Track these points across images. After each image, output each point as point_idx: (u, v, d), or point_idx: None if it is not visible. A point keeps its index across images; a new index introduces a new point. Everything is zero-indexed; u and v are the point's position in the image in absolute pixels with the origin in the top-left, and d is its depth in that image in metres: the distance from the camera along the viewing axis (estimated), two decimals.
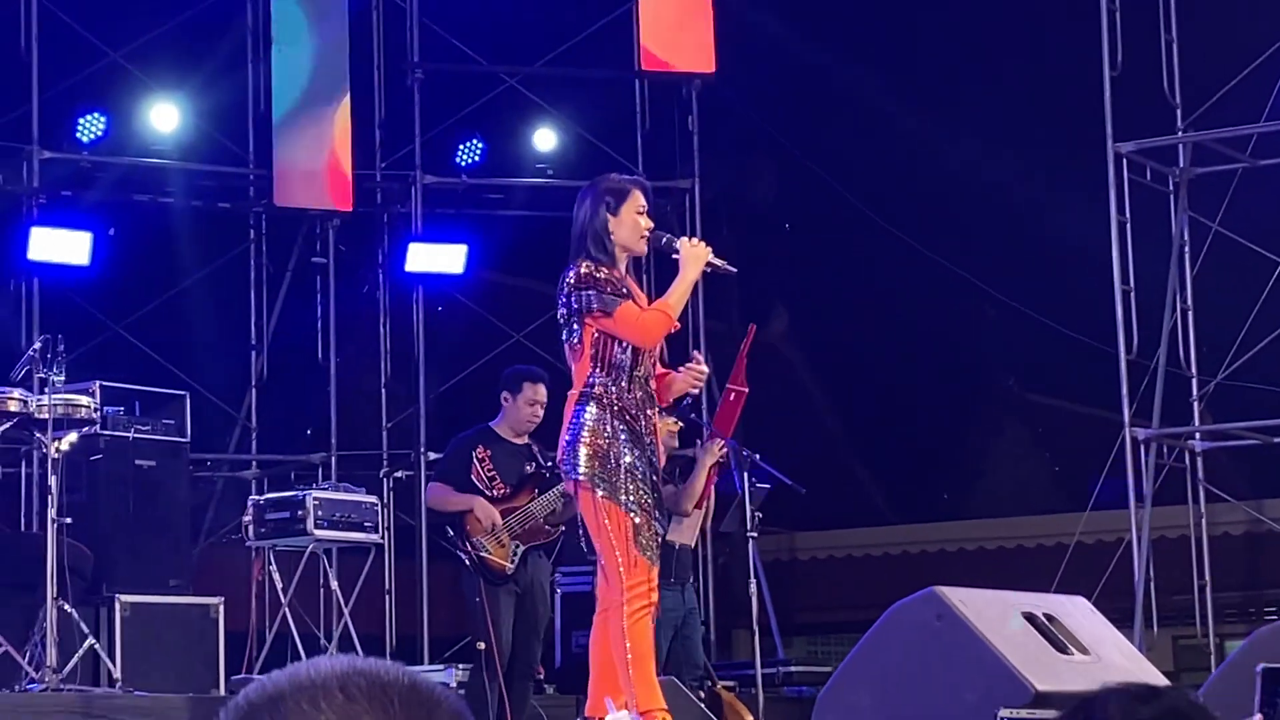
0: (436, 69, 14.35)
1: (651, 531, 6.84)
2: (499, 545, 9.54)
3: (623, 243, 6.98)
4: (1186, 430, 13.26)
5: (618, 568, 6.77)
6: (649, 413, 6.94)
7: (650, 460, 6.89)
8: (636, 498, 6.76)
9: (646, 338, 6.87)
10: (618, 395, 6.85)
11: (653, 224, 7.04)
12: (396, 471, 13.90)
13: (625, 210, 6.99)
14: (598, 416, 6.82)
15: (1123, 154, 12.88)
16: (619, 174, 7.65)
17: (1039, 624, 6.68)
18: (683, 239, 7.15)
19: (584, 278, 6.87)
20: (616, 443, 6.80)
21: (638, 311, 6.84)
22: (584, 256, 6.95)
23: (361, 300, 14.42)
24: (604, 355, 6.89)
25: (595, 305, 6.82)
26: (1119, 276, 12.79)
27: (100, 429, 10.51)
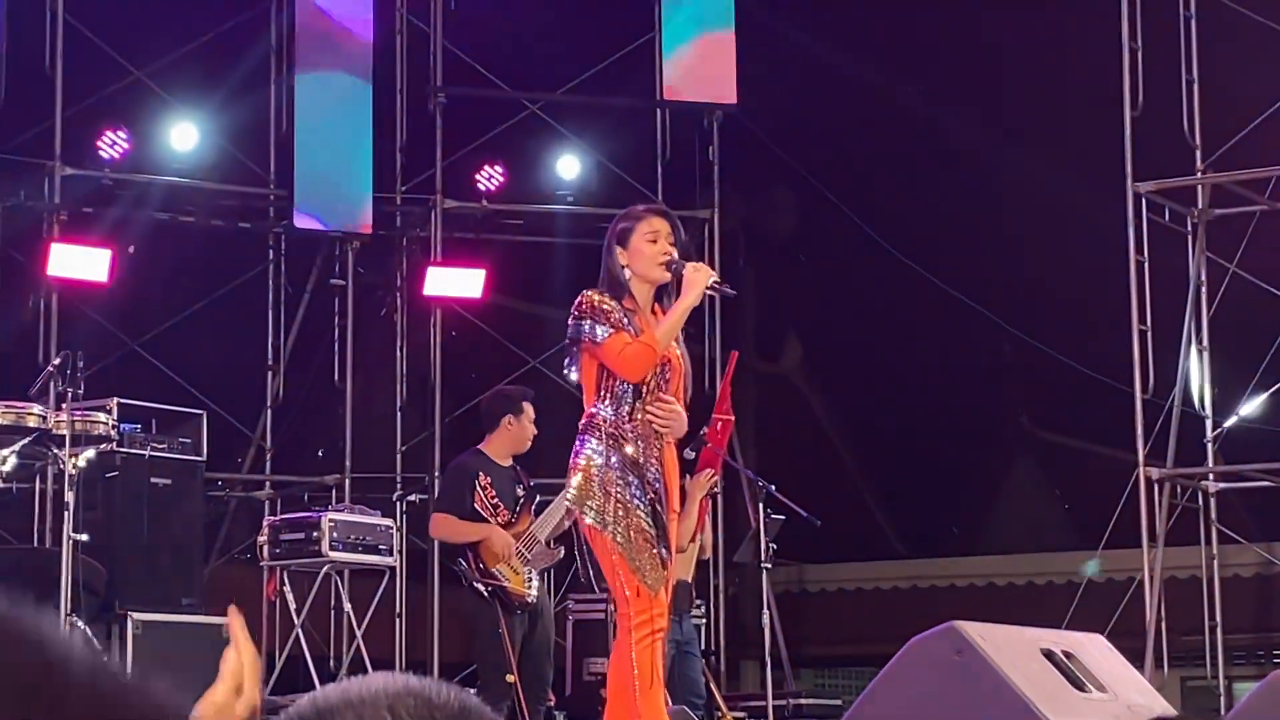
0: (459, 94, 14.39)
1: (654, 560, 6.81)
2: (514, 573, 9.53)
3: (639, 273, 6.93)
4: (1200, 471, 13.25)
5: (623, 594, 6.77)
6: (655, 442, 6.92)
7: (655, 488, 6.86)
8: (627, 526, 6.74)
9: (629, 370, 6.83)
10: (616, 425, 6.82)
11: (673, 251, 6.98)
12: (410, 495, 13.90)
13: (635, 239, 6.94)
14: (594, 447, 6.80)
15: (1142, 194, 12.88)
16: (642, 203, 7.62)
17: (1057, 661, 6.68)
18: (688, 264, 7.10)
19: (582, 306, 6.86)
20: (610, 471, 6.77)
21: (624, 343, 6.79)
22: (596, 289, 6.94)
23: (379, 323, 14.43)
24: (606, 385, 6.88)
25: (586, 335, 6.80)
26: (1136, 316, 12.78)
27: (117, 446, 10.52)
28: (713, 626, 13.89)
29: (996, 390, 17.02)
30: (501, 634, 9.33)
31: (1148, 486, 12.70)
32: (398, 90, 14.44)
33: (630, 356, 6.78)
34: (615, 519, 6.72)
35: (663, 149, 14.72)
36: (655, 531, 6.80)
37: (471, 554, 9.57)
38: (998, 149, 15.60)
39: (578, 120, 14.63)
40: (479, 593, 9.53)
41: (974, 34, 15.91)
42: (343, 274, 14.22)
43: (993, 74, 15.86)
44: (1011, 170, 15.47)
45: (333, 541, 11.00)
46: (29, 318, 13.00)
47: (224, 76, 13.94)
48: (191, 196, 13.71)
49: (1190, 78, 13.32)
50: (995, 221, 15.80)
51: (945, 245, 15.99)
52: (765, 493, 10.37)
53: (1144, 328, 12.83)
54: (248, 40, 14.10)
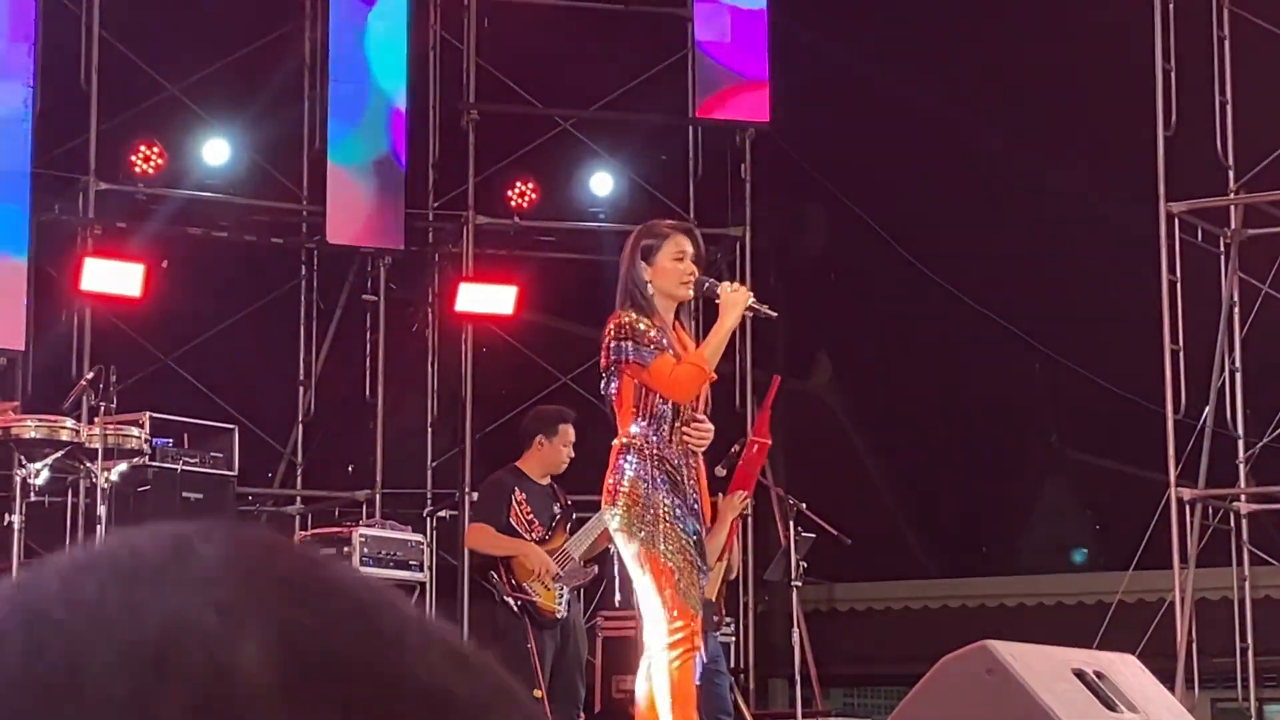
0: (491, 110, 14.42)
1: (693, 579, 6.83)
2: (545, 589, 9.54)
3: (663, 290, 6.93)
4: (1232, 492, 13.21)
5: (661, 613, 6.77)
6: (691, 462, 6.93)
7: (693, 509, 6.88)
8: (676, 546, 6.75)
9: (679, 392, 6.84)
10: (659, 445, 6.83)
11: (696, 269, 6.98)
12: (440, 511, 13.92)
13: (661, 257, 6.94)
14: (638, 466, 6.81)
15: (1174, 213, 12.87)
16: (664, 219, 7.63)
17: (1089, 681, 6.65)
18: (724, 284, 7.10)
19: (622, 328, 6.84)
20: (656, 492, 6.78)
21: (672, 365, 6.79)
22: (626, 306, 6.93)
23: (410, 339, 14.45)
24: (645, 405, 6.87)
25: (631, 357, 6.80)
26: (1168, 336, 12.76)
27: (149, 460, 10.55)
28: (742, 645, 13.87)
29: (1027, 410, 16.98)
30: (530, 649, 9.34)
31: (1179, 507, 12.66)
32: (431, 106, 14.47)
33: (680, 378, 6.79)
34: (665, 539, 6.74)
35: (695, 166, 14.73)
36: (695, 550, 6.83)
37: (504, 568, 9.59)
38: (1030, 168, 15.59)
39: (610, 137, 14.65)
40: (509, 607, 9.54)
41: (1008, 53, 15.90)
42: (375, 290, 14.25)
43: (1026, 94, 15.85)
44: (1044, 189, 15.46)
45: (363, 557, 11.02)
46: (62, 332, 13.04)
47: (258, 91, 13.98)
48: (225, 211, 13.75)
49: (1223, 98, 13.30)
50: (1027, 240, 15.78)
51: (976, 264, 15.97)
52: (795, 511, 10.39)
53: (1176, 348, 12.80)
54: (281, 55, 14.14)
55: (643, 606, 6.88)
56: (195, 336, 13.72)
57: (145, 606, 0.74)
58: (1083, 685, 6.64)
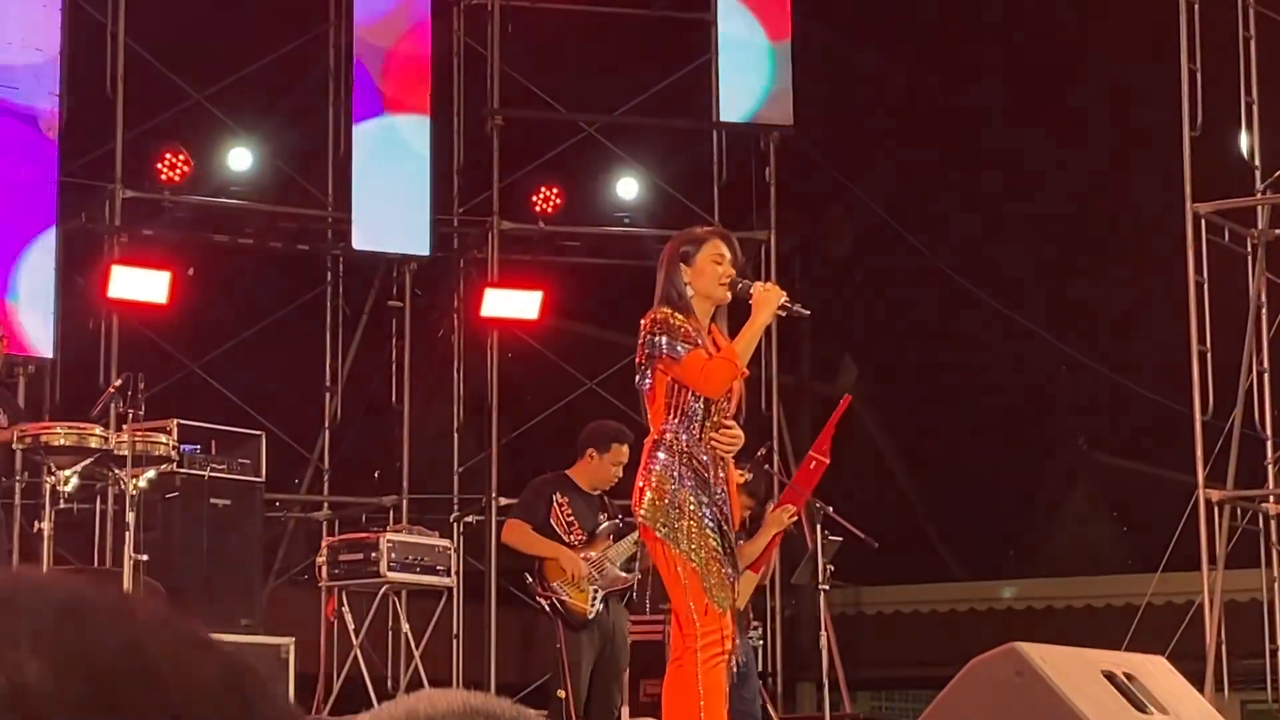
0: (515, 116, 14.43)
1: (722, 579, 6.82)
2: (578, 590, 9.54)
3: (702, 292, 6.97)
4: (1261, 493, 13.17)
5: (690, 614, 6.76)
6: (721, 461, 6.94)
7: (721, 509, 6.87)
8: (700, 545, 6.75)
9: (711, 386, 6.85)
10: (689, 443, 6.84)
11: (734, 272, 7.01)
12: (467, 516, 13.92)
13: (701, 259, 6.97)
14: (666, 463, 6.82)
15: (1201, 214, 12.83)
16: (699, 225, 7.66)
17: (1118, 682, 6.65)
18: (757, 284, 7.13)
19: (659, 323, 6.87)
20: (683, 490, 6.79)
21: (704, 359, 6.81)
22: (661, 304, 6.97)
23: (436, 345, 14.47)
24: (677, 402, 6.88)
25: (665, 351, 6.82)
26: (1195, 337, 12.72)
27: (177, 467, 10.57)
28: (769, 648, 13.87)
29: (1054, 412, 16.96)
30: (559, 649, 9.34)
31: (1208, 509, 12.63)
32: (455, 112, 14.49)
33: (712, 372, 6.81)
34: (689, 537, 6.74)
35: (719, 170, 14.73)
36: (723, 551, 6.82)
37: (537, 568, 9.60)
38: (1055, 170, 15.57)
39: (634, 142, 14.65)
40: (541, 607, 9.56)
41: (1033, 57, 15.89)
42: (400, 296, 14.27)
43: (1051, 96, 15.83)
44: (1069, 191, 15.44)
45: (391, 562, 11.03)
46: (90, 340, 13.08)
47: (282, 99, 14.01)
48: (250, 219, 13.78)
49: (1249, 98, 13.27)
50: (1053, 243, 15.77)
51: (1002, 267, 15.96)
52: (822, 514, 10.37)
53: (1204, 349, 12.77)
54: (306, 63, 14.17)
55: (674, 607, 6.87)
56: (222, 343, 13.75)
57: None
58: (1112, 687, 6.64)
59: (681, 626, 6.82)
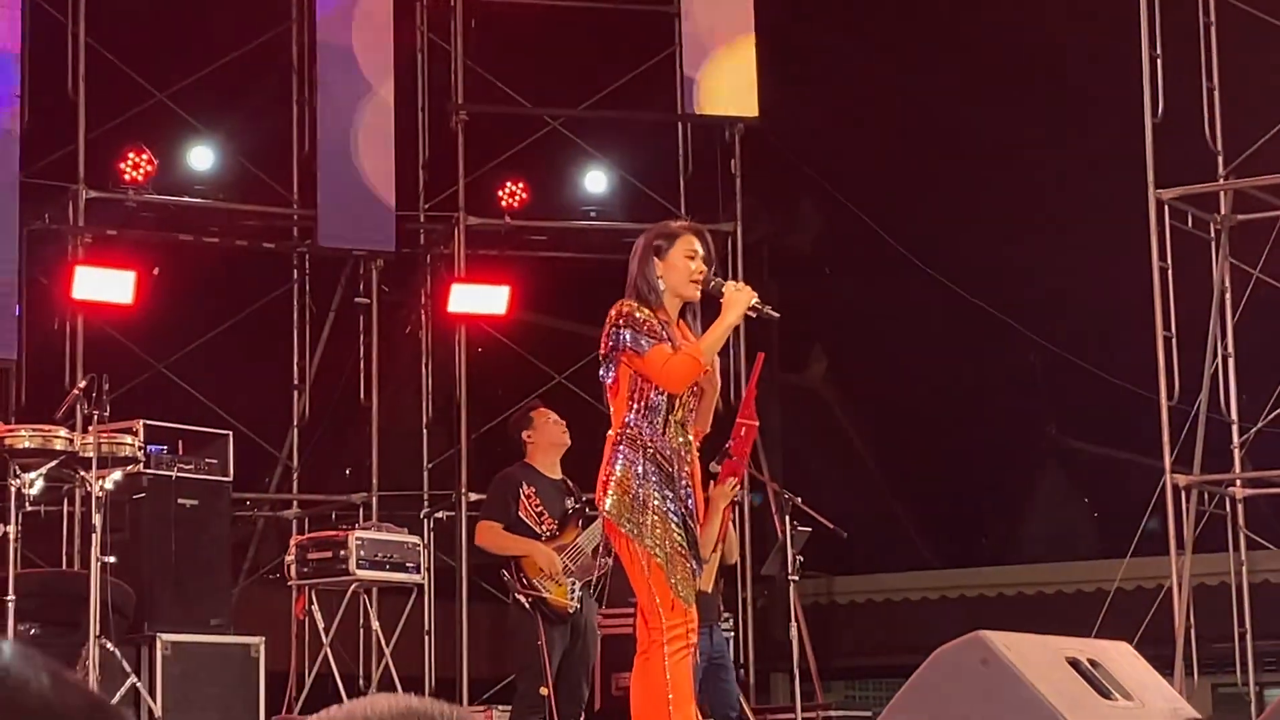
0: (480, 111, 14.42)
1: (686, 574, 6.82)
2: (557, 585, 9.53)
3: (673, 288, 6.96)
4: (1228, 477, 13.22)
5: (655, 608, 6.77)
6: (685, 456, 6.93)
7: (686, 503, 6.87)
8: (665, 539, 6.75)
9: (674, 382, 6.84)
10: (652, 437, 6.83)
11: (706, 269, 7.01)
12: (437, 512, 13.91)
13: (674, 254, 6.97)
14: (630, 458, 6.81)
15: (1164, 200, 12.86)
16: (676, 219, 7.65)
17: (1083, 669, 6.66)
18: (729, 282, 7.13)
19: (624, 315, 6.85)
20: (646, 484, 6.77)
21: (667, 355, 6.79)
22: (630, 298, 6.96)
23: (404, 341, 14.46)
24: (640, 396, 6.87)
25: (629, 344, 6.80)
26: (1160, 323, 12.76)
27: (143, 468, 10.55)
28: (741, 640, 13.88)
29: (1023, 400, 16.99)
30: (540, 646, 9.33)
31: (1175, 493, 12.67)
32: (419, 107, 14.47)
33: (674, 368, 6.80)
34: (654, 533, 6.74)
35: (685, 163, 14.73)
36: (687, 545, 6.82)
37: (514, 566, 9.58)
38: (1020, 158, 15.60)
39: (600, 135, 14.65)
40: (521, 605, 9.53)
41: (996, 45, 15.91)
42: (367, 292, 14.25)
43: (1015, 84, 15.85)
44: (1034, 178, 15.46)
45: (360, 560, 11.02)
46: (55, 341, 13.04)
47: (246, 97, 13.98)
48: (215, 217, 13.75)
49: (1211, 84, 13.31)
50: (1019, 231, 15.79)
51: (970, 255, 15.99)
52: (791, 505, 10.37)
53: (1169, 334, 12.80)
54: (269, 60, 14.14)
55: (639, 602, 6.88)
56: (188, 343, 13.72)
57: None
58: (1077, 674, 6.65)
59: (646, 620, 6.82)
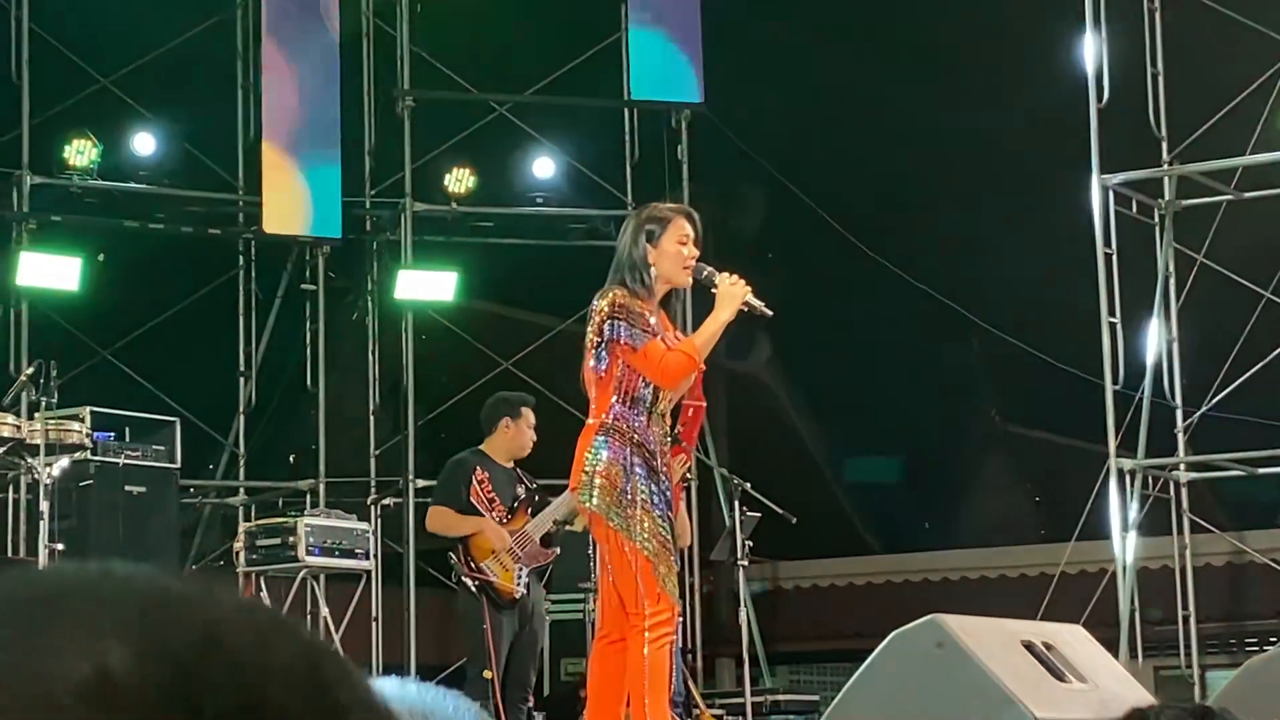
0: (426, 97, 14.38)
1: (670, 567, 6.80)
2: (504, 569, 9.55)
3: (664, 274, 6.87)
4: (1171, 461, 13.31)
5: (639, 597, 6.72)
6: (666, 449, 6.91)
7: (665, 495, 6.86)
8: (651, 531, 6.73)
9: (669, 379, 6.80)
10: (637, 429, 6.82)
11: (697, 254, 6.94)
12: (384, 498, 13.89)
13: (666, 240, 6.87)
14: (615, 450, 6.76)
15: (1109, 186, 12.93)
16: (665, 203, 7.57)
17: (1037, 652, 6.71)
18: (722, 275, 7.04)
19: (618, 307, 6.76)
20: (633, 478, 6.74)
21: (662, 352, 6.73)
22: (619, 285, 6.89)
23: (350, 327, 14.42)
24: (628, 387, 6.83)
25: (624, 338, 6.73)
26: (1105, 308, 12.83)
27: (90, 455, 10.52)
28: (689, 625, 13.91)
29: (966, 385, 17.06)
30: (485, 630, 9.35)
31: (1119, 478, 12.75)
32: (365, 93, 14.43)
33: (670, 365, 6.75)
34: (641, 525, 6.71)
35: (631, 149, 14.74)
36: (670, 537, 6.81)
37: (461, 548, 9.59)
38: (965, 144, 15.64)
39: (546, 122, 14.64)
40: (467, 588, 9.55)
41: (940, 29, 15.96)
42: (313, 279, 14.21)
43: (959, 69, 15.89)
44: (979, 164, 15.51)
45: (309, 546, 11.01)
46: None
47: (191, 82, 13.92)
48: (161, 203, 13.69)
49: (1155, 70, 13.39)
50: (963, 216, 15.84)
51: (914, 241, 16.03)
52: (740, 491, 10.40)
53: (1113, 319, 12.88)
54: (214, 46, 14.08)
55: (621, 592, 6.81)
56: (134, 329, 13.66)
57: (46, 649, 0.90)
58: (1032, 657, 6.70)
59: (626, 607, 6.78)
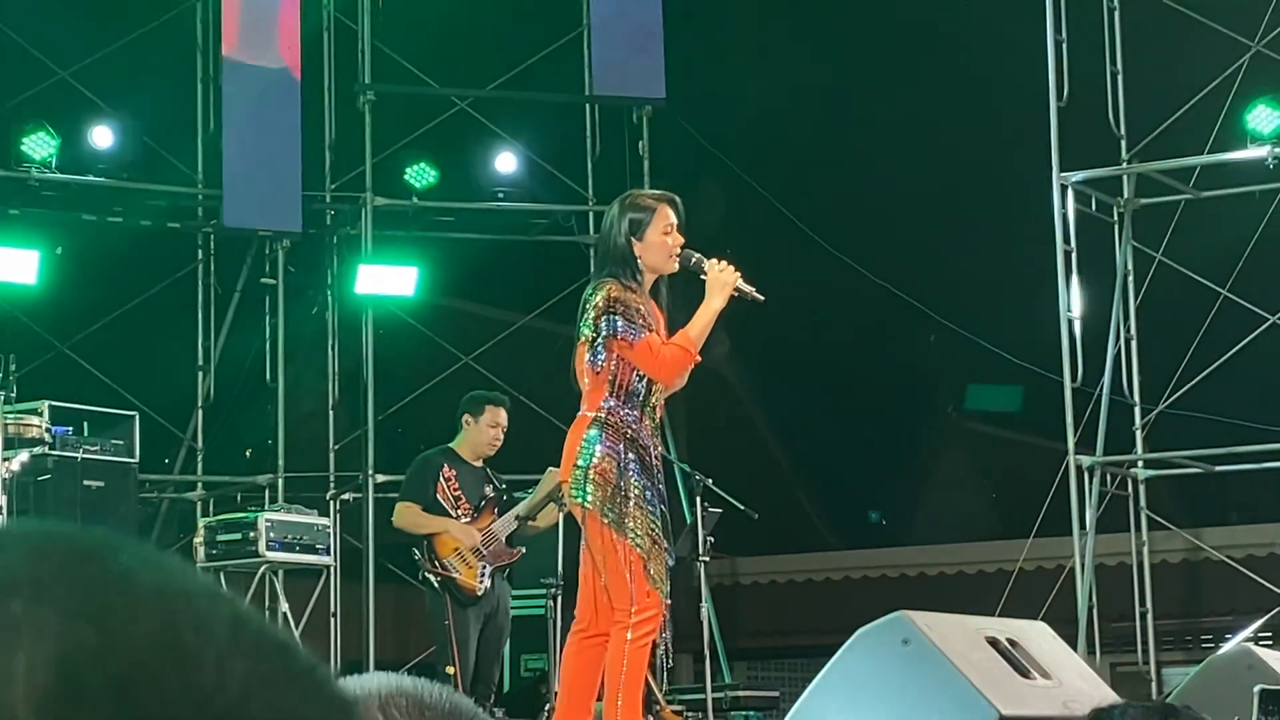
0: (387, 91, 14.34)
1: (660, 561, 6.78)
2: (467, 566, 9.55)
3: (650, 265, 6.86)
4: (1129, 458, 13.36)
5: (628, 593, 6.70)
6: (657, 442, 6.89)
7: (658, 490, 6.84)
8: (644, 528, 6.71)
9: (666, 373, 6.79)
10: (633, 424, 6.79)
11: (683, 240, 6.92)
12: (344, 493, 13.86)
13: (651, 231, 6.85)
14: (610, 445, 6.75)
15: (1068, 184, 12.98)
16: (647, 191, 7.54)
17: (1002, 649, 6.74)
18: (711, 261, 7.02)
19: (613, 301, 6.74)
20: (627, 473, 6.71)
21: (658, 346, 6.72)
22: (611, 278, 6.85)
23: (310, 322, 14.38)
24: (622, 382, 6.80)
25: (621, 332, 6.72)
26: (1064, 305, 12.88)
27: (49, 449, 10.47)
28: None
29: (925, 380, 17.11)
30: (448, 625, 9.35)
31: (1078, 474, 12.79)
32: (325, 88, 14.38)
33: (667, 359, 6.74)
34: (635, 521, 6.69)
35: (593, 144, 14.71)
36: (660, 532, 6.80)
37: (425, 544, 9.59)
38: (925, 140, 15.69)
39: (508, 116, 14.61)
40: (431, 584, 9.55)
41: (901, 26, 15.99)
42: (273, 273, 14.16)
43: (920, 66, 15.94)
44: (939, 161, 15.56)
45: (270, 542, 10.99)
46: None
47: (151, 75, 13.86)
48: (119, 197, 13.62)
49: (1115, 69, 13.44)
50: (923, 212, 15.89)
51: (873, 236, 16.07)
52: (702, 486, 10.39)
53: (1072, 316, 12.92)
54: (174, 38, 14.02)
55: (611, 589, 6.77)
56: (93, 323, 13.60)
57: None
58: (997, 653, 6.73)
59: (613, 602, 6.76)
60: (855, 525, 17.66)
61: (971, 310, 15.65)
